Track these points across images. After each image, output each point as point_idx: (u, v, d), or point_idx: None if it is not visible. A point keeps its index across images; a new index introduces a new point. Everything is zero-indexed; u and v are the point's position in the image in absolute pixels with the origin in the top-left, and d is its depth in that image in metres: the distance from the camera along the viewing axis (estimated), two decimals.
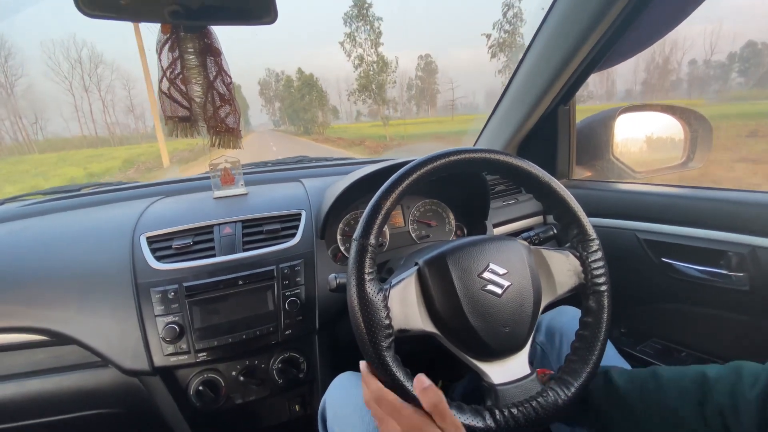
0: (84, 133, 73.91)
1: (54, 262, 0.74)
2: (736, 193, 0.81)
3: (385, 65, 32.93)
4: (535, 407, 0.49)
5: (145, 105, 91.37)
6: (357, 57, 32.46)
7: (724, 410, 0.44)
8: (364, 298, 0.47)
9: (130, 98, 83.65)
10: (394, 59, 34.27)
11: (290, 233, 0.82)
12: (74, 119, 77.62)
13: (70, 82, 71.72)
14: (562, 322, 0.71)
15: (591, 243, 0.57)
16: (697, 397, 0.47)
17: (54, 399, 0.74)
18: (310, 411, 0.90)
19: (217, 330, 0.72)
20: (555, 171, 1.16)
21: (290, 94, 55.21)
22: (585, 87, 1.26)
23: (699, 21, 17.67)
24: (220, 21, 0.62)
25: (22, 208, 0.95)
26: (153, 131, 75.28)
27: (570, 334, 0.68)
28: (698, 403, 0.46)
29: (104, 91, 75.79)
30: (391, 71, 33.27)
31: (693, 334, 0.90)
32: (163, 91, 0.64)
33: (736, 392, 0.44)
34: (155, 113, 16.04)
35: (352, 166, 1.21)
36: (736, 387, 0.44)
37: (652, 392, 0.51)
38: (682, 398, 0.48)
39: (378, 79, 33.06)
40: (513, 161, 0.56)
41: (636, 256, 0.92)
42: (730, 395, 0.44)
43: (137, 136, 73.09)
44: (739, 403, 0.43)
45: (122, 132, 78.56)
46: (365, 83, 33.42)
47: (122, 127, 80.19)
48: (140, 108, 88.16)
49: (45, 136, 72.18)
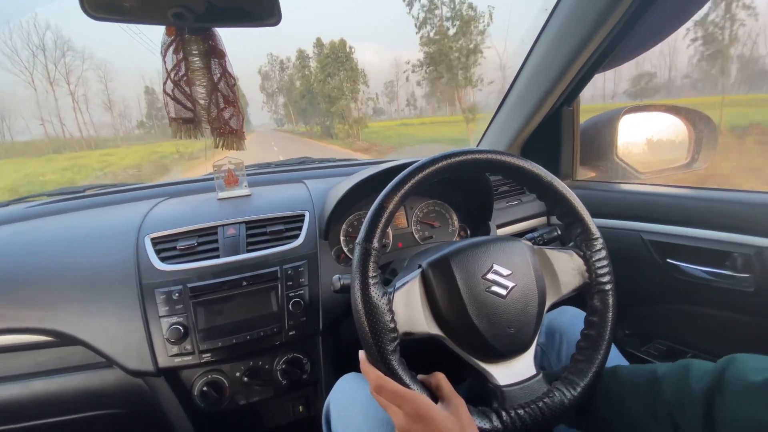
0: (60, 134, 58.67)
1: (59, 263, 0.74)
2: (741, 193, 0.80)
3: (470, 19, 16.43)
4: (542, 408, 0.49)
5: (128, 101, 79.67)
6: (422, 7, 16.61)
7: (672, 406, 0.44)
8: (369, 302, 0.47)
9: (108, 93, 68.15)
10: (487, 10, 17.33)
11: (294, 234, 0.82)
12: (37, 117, 63.77)
13: (30, 73, 58.02)
14: (562, 322, 0.71)
15: (595, 242, 0.57)
16: (648, 394, 0.47)
17: (58, 399, 0.74)
18: (314, 412, 0.90)
19: (221, 331, 0.72)
20: (559, 172, 1.15)
21: (304, 77, 37.17)
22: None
23: None
24: (223, 23, 0.62)
25: (27, 209, 0.95)
26: (138, 131, 67.36)
27: (570, 334, 0.68)
28: (649, 400, 0.47)
29: (74, 85, 59.71)
30: (481, 25, 16.41)
31: (698, 336, 0.90)
32: (167, 92, 0.64)
33: (682, 388, 0.44)
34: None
35: (356, 167, 1.21)
36: (682, 383, 0.44)
37: (613, 391, 0.51)
38: (634, 395, 0.48)
39: (459, 43, 16.44)
40: (517, 162, 0.56)
41: (641, 257, 0.92)
42: (676, 391, 0.44)
43: (116, 138, 62.06)
44: (684, 399, 0.43)
45: (99, 133, 64.41)
46: (439, 51, 16.90)
47: (99, 127, 65.95)
48: (121, 105, 74.31)
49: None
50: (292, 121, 63.05)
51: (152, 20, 0.60)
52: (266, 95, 67.13)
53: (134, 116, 77.46)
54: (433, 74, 18.41)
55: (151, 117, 69.10)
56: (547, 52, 0.95)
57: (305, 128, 46.60)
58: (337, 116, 28.34)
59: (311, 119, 40.99)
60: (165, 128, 63.48)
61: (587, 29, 0.84)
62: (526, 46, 1.00)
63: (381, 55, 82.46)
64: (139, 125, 74.11)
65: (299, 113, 46.61)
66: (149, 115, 70.16)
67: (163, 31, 0.62)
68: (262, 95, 68.75)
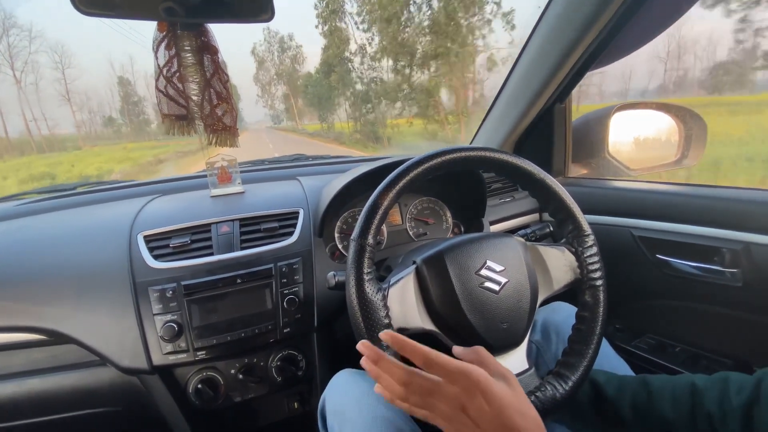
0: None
1: (51, 261, 0.74)
2: (730, 190, 0.82)
3: None
4: (534, 402, 0.49)
5: (90, 93, 65.76)
6: None
7: (713, 418, 0.46)
8: (364, 298, 0.47)
9: (66, 82, 51.94)
10: None
11: (288, 231, 0.82)
12: None
13: None
14: (558, 320, 0.71)
15: (586, 238, 0.58)
16: (688, 405, 0.49)
17: (53, 398, 0.74)
18: (309, 408, 0.91)
19: (215, 328, 0.72)
20: (551, 169, 1.16)
21: (334, 44, 18.97)
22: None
23: None
24: (216, 19, 0.62)
25: (18, 207, 0.94)
26: (106, 130, 52.95)
27: (565, 333, 0.69)
28: (689, 412, 0.48)
29: (20, 71, 47.65)
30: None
31: (687, 330, 0.91)
32: (159, 89, 0.63)
33: (724, 401, 0.46)
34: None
35: (349, 164, 1.21)
36: (723, 395, 0.46)
37: (644, 401, 0.52)
38: (674, 406, 0.50)
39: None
40: (509, 159, 0.56)
41: (631, 252, 0.93)
42: (718, 403, 0.46)
43: (75, 137, 49.78)
44: (726, 410, 0.45)
45: (54, 131, 49.46)
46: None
47: (55, 125, 50.88)
48: (83, 97, 61.21)
49: None
50: (294, 118, 50.51)
51: (143, 15, 0.59)
52: (261, 87, 53.62)
53: (105, 111, 63.17)
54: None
55: (125, 113, 57.55)
56: (539, 50, 0.96)
57: (319, 126, 30.34)
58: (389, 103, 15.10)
59: (330, 112, 25.78)
60: (141, 125, 53.92)
61: (579, 27, 0.85)
62: (519, 44, 1.01)
63: None
64: (106, 122, 60.80)
65: (313, 104, 28.60)
66: (123, 111, 58.04)
67: (155, 26, 0.62)
68: (257, 86, 54.54)
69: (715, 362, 0.85)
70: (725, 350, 0.84)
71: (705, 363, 0.87)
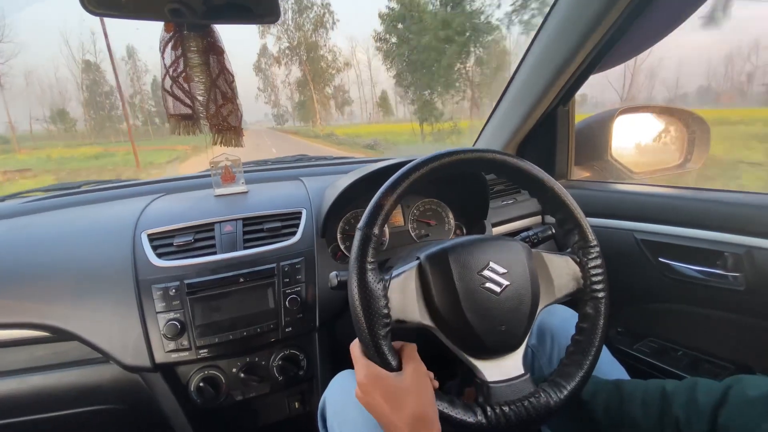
0: None
1: (55, 258, 0.74)
2: (733, 194, 0.82)
3: None
4: (527, 407, 0.49)
5: (33, 76, 49.05)
6: None
7: (680, 422, 0.47)
8: (365, 286, 0.48)
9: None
10: None
11: (291, 231, 0.83)
12: None
13: None
14: (553, 324, 0.71)
15: (591, 250, 0.58)
16: (658, 409, 0.50)
17: (55, 395, 0.74)
18: (310, 408, 0.91)
19: (218, 327, 0.73)
20: (554, 171, 1.16)
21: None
22: None
23: None
24: (221, 20, 0.62)
25: (23, 204, 0.95)
26: (54, 128, 39.93)
27: (561, 336, 0.69)
28: (658, 416, 0.49)
29: None
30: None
31: (689, 334, 0.91)
32: (166, 89, 0.64)
33: (690, 404, 0.47)
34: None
35: (353, 165, 1.22)
36: (690, 399, 0.47)
37: (616, 405, 0.53)
38: (644, 410, 0.51)
39: None
40: (520, 164, 0.57)
41: (633, 256, 0.93)
42: (685, 407, 0.47)
43: (27, 136, 38.64)
44: (692, 414, 0.46)
45: (18, 126, 39.21)
46: None
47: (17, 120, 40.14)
48: (23, 83, 47.51)
49: None
50: (315, 115, 36.06)
51: (150, 16, 0.60)
52: (263, 80, 43.29)
53: (57, 104, 47.71)
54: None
55: (93, 105, 42.95)
56: (543, 52, 0.96)
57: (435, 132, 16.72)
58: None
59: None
60: (103, 121, 42.63)
61: (583, 30, 0.85)
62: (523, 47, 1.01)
63: None
64: (55, 117, 44.22)
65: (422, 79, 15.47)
66: (90, 103, 42.88)
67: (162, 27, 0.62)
68: (258, 80, 43.74)
69: (717, 366, 0.85)
70: (727, 354, 0.84)
71: (707, 367, 0.86)
